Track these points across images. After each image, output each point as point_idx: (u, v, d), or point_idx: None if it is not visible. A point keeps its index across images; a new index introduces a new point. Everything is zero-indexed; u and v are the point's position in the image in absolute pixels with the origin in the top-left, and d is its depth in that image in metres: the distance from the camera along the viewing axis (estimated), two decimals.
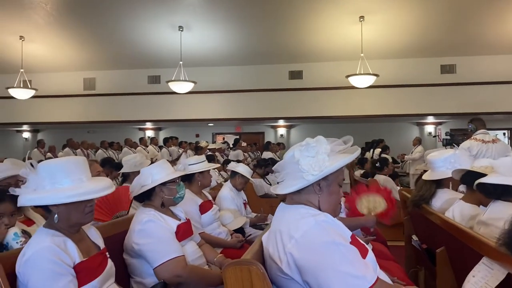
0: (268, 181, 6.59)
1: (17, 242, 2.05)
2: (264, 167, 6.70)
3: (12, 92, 10.40)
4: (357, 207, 2.79)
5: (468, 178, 2.53)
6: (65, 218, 1.68)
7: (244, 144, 11.57)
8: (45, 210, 1.71)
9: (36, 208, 1.90)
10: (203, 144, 10.37)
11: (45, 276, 1.54)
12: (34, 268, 1.55)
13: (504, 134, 13.08)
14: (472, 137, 4.83)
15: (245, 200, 4.42)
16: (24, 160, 5.47)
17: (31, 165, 1.68)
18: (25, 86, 10.50)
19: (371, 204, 2.77)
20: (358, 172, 7.90)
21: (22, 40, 10.22)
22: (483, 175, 2.28)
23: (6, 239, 2.05)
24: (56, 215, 1.66)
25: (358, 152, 1.65)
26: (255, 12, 9.19)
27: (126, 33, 10.12)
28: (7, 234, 2.05)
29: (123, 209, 2.91)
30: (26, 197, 1.64)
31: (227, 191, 4.15)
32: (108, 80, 12.63)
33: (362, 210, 2.79)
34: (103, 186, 1.72)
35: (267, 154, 9.81)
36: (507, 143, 11.82)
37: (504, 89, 10.67)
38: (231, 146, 11.79)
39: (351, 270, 1.38)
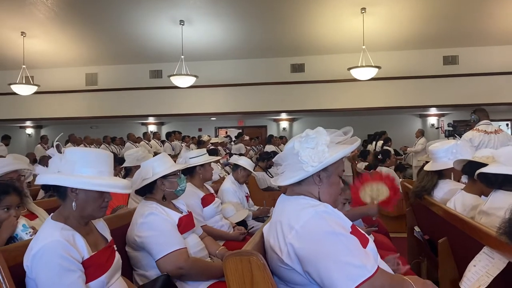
0: (270, 174, 6.60)
1: (26, 233, 2.07)
2: (266, 160, 6.72)
3: (15, 88, 10.43)
4: (360, 196, 2.79)
5: (470, 168, 2.53)
6: (80, 208, 1.67)
7: (246, 137, 11.57)
8: (61, 197, 1.69)
9: (47, 193, 1.88)
10: (205, 138, 10.38)
11: (54, 272, 1.53)
12: (42, 263, 1.53)
13: (507, 125, 13.02)
14: (474, 128, 4.80)
15: (247, 193, 4.44)
16: (26, 155, 5.49)
17: (58, 148, 1.68)
18: (27, 82, 10.53)
19: (374, 192, 2.77)
20: (361, 165, 7.89)
21: (24, 36, 10.23)
22: (484, 165, 2.28)
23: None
24: (74, 202, 1.65)
25: (358, 142, 1.64)
26: (256, 5, 9.16)
27: (127, 27, 10.11)
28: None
29: (119, 203, 2.91)
30: (50, 176, 1.64)
31: (229, 184, 4.17)
32: (110, 75, 12.63)
33: (365, 199, 2.79)
34: (124, 185, 1.74)
35: (269, 148, 9.81)
36: (510, 133, 11.77)
37: (508, 79, 10.60)
38: (233, 139, 11.80)
39: (351, 259, 1.39)
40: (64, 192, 1.67)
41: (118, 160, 5.07)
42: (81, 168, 1.65)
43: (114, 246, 1.88)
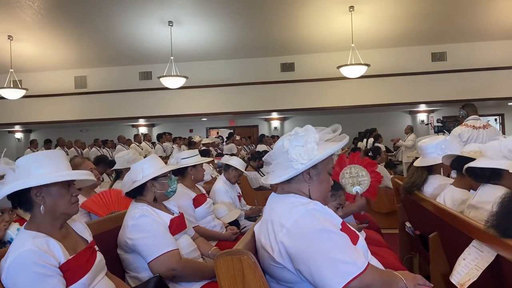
0: (262, 173, 6.60)
1: None
2: (258, 160, 6.73)
3: (3, 92, 10.32)
4: (341, 183, 2.78)
5: (458, 163, 2.55)
6: (51, 210, 1.63)
7: (237, 137, 11.57)
8: (28, 207, 1.64)
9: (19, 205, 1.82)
10: (196, 139, 10.36)
11: (31, 280, 1.49)
12: (18, 274, 1.49)
13: (496, 120, 13.17)
14: (463, 123, 4.85)
15: (239, 192, 4.44)
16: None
17: (7, 162, 1.66)
18: (16, 86, 10.41)
19: (355, 179, 2.77)
20: None
21: (11, 40, 10.11)
22: (472, 159, 2.30)
23: (9, 235, 2.06)
24: (42, 206, 1.61)
25: (346, 140, 1.65)
26: (244, 5, 9.15)
27: (116, 29, 10.05)
28: (9, 229, 2.07)
29: (119, 209, 2.88)
30: (8, 186, 1.58)
31: (221, 184, 4.16)
32: (99, 78, 12.56)
33: (346, 187, 2.78)
34: (86, 172, 1.74)
35: (261, 147, 9.83)
36: (498, 128, 11.90)
37: (495, 75, 10.73)
38: (225, 140, 11.79)
39: (341, 256, 1.40)
40: (29, 200, 1.61)
41: (110, 163, 5.06)
42: (37, 170, 1.61)
43: (95, 246, 1.84)
